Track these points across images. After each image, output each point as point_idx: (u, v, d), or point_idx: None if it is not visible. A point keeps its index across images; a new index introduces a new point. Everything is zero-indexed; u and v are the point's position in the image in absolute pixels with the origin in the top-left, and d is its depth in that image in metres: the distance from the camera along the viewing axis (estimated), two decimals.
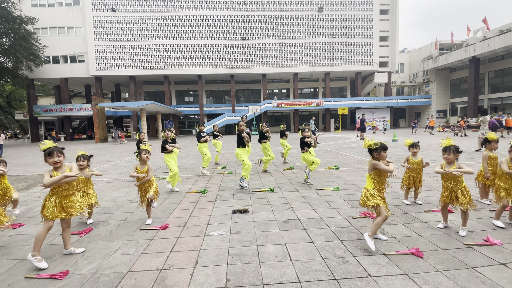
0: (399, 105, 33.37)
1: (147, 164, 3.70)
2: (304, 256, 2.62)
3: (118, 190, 5.64)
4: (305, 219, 3.60)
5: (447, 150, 3.03)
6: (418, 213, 3.73)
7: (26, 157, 13.46)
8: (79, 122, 42.30)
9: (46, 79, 31.86)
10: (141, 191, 3.64)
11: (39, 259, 2.57)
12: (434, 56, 33.27)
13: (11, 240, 3.27)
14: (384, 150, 2.86)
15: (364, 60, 32.01)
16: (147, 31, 29.95)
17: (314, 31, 31.35)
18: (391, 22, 33.66)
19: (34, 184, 6.62)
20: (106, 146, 20.01)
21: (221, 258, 2.64)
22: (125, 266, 2.54)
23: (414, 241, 2.88)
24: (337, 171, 6.90)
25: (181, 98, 36.94)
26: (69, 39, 30.04)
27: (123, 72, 30.19)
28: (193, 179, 6.60)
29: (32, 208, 4.59)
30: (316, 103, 31.93)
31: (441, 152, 3.12)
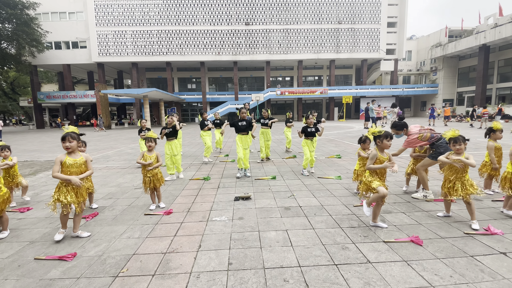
0: (404, 93, 32.85)
1: (155, 152, 3.76)
2: (305, 242, 2.67)
3: (123, 176, 5.73)
4: (306, 206, 3.65)
5: (458, 141, 2.92)
6: (419, 202, 3.74)
7: (31, 143, 13.63)
8: (82, 109, 42.45)
9: (49, 65, 31.76)
10: (146, 177, 3.69)
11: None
12: (443, 43, 32.35)
13: (20, 223, 3.37)
14: (387, 138, 2.85)
15: (370, 47, 31.27)
16: (149, 16, 29.43)
17: (319, 16, 30.53)
18: (400, 8, 32.59)
19: (40, 169, 6.74)
20: (110, 133, 20.16)
21: (224, 242, 2.70)
22: (131, 249, 2.62)
23: (414, 229, 2.91)
24: (339, 160, 6.91)
25: (184, 85, 36.70)
26: (71, 24, 29.67)
27: (125, 59, 29.93)
28: (196, 166, 6.66)
29: (39, 193, 4.69)
30: (320, 92, 31.55)
31: (451, 144, 2.98)
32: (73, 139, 2.80)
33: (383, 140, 2.86)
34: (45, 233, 3.07)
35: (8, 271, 2.31)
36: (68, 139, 2.77)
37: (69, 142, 2.77)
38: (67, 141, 2.77)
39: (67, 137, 2.77)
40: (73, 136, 2.80)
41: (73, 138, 2.80)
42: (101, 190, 4.70)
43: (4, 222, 3.01)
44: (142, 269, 2.28)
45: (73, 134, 2.82)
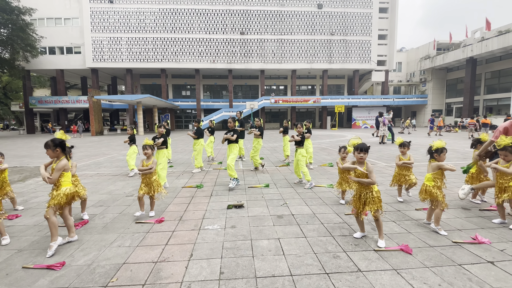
0: (395, 104, 33.60)
1: (152, 158, 3.78)
2: (297, 250, 2.69)
3: (114, 184, 5.66)
4: (298, 214, 3.67)
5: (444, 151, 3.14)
6: (409, 211, 3.81)
7: (21, 149, 13.35)
8: (74, 114, 41.90)
9: (42, 70, 31.44)
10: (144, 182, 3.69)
11: None
12: (432, 55, 33.42)
13: (8, 230, 3.28)
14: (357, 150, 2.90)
15: (362, 58, 32.07)
16: (145, 24, 29.62)
17: (313, 27, 31.28)
18: (390, 21, 33.67)
19: (30, 175, 6.61)
20: (102, 139, 19.91)
21: (216, 251, 2.70)
22: (121, 258, 2.59)
23: (404, 238, 2.96)
24: (331, 168, 6.99)
25: (178, 92, 36.74)
26: (66, 30, 29.60)
27: (119, 65, 29.89)
28: (189, 174, 6.63)
29: (29, 200, 4.60)
30: (314, 101, 32.00)
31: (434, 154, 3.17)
32: (47, 148, 2.88)
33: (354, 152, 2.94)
34: (33, 241, 3.00)
35: None
36: (45, 147, 2.91)
37: (46, 151, 2.90)
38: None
39: (44, 146, 2.91)
40: (47, 145, 2.87)
41: (47, 146, 2.88)
42: (92, 198, 4.63)
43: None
44: (132, 279, 2.25)
45: (48, 142, 2.87)
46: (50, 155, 2.88)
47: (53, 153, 2.86)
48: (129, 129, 6.61)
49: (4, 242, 2.93)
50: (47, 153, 2.88)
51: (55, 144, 2.86)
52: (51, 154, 2.87)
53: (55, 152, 2.87)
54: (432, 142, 3.25)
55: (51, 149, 2.85)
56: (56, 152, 2.88)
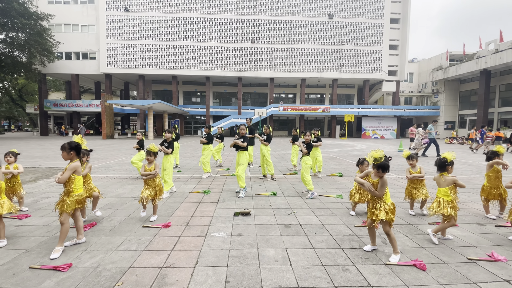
0: (406, 114, 33.10)
1: (154, 163, 3.79)
2: (304, 261, 2.62)
3: (123, 187, 5.71)
4: (306, 225, 3.60)
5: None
6: (422, 225, 3.69)
7: (34, 150, 13.71)
8: (87, 117, 42.94)
9: (58, 74, 32.50)
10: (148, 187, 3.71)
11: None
12: (444, 66, 32.96)
13: (17, 230, 3.34)
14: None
15: (372, 68, 31.92)
16: (158, 31, 30.40)
17: (323, 37, 31.43)
18: (402, 31, 33.53)
19: (41, 176, 6.74)
20: (113, 142, 20.27)
21: (222, 259, 2.65)
22: (127, 262, 2.58)
23: (416, 252, 2.85)
24: (341, 178, 6.87)
25: (188, 98, 37.26)
26: (82, 36, 30.65)
27: (132, 71, 30.63)
28: (197, 179, 6.63)
29: (38, 200, 4.67)
30: (323, 109, 31.87)
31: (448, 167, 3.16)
32: (62, 150, 2.94)
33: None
34: (41, 241, 3.03)
35: (2, 279, 2.28)
36: (61, 150, 2.97)
37: (61, 152, 2.95)
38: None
39: (60, 148, 2.97)
40: (63, 147, 2.93)
41: (63, 149, 2.93)
42: (101, 200, 4.64)
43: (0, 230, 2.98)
44: (138, 284, 2.23)
45: (65, 145, 2.93)
46: (64, 157, 2.93)
47: (67, 155, 2.92)
48: (140, 135, 6.68)
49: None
50: (62, 155, 2.94)
51: (70, 147, 2.93)
52: (65, 156, 2.92)
53: (69, 155, 2.93)
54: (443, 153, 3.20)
55: (66, 151, 2.91)
56: (70, 155, 2.93)
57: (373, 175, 2.82)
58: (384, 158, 2.72)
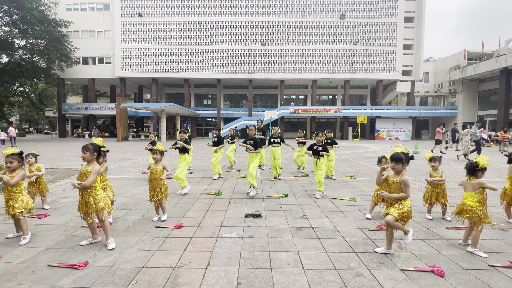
0: (422, 115, 32.19)
1: (161, 163, 3.83)
2: (317, 265, 2.57)
3: (137, 188, 5.83)
4: (319, 228, 3.55)
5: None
6: (439, 229, 3.56)
7: (53, 152, 14.23)
8: (102, 120, 44.24)
9: (75, 78, 33.71)
10: (152, 188, 3.78)
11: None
12: (462, 66, 31.89)
13: (37, 229, 3.46)
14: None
15: (386, 68, 31.29)
16: (171, 36, 31.02)
17: (335, 38, 31.11)
18: (416, 30, 32.72)
19: (59, 177, 6.98)
20: (127, 144, 20.76)
21: (233, 261, 2.65)
22: (140, 262, 2.62)
23: (434, 258, 2.75)
24: (354, 180, 6.75)
25: (200, 101, 37.74)
26: (98, 42, 31.70)
27: (146, 74, 31.37)
28: (208, 180, 6.68)
29: (57, 200, 4.84)
30: (335, 111, 31.48)
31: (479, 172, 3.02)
32: (87, 151, 2.95)
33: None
34: (59, 240, 3.13)
35: (22, 276, 2.36)
36: (83, 151, 2.96)
37: (83, 153, 2.96)
38: (82, 151, 2.98)
39: (83, 149, 2.96)
40: (87, 148, 2.95)
41: (87, 149, 2.95)
42: (115, 200, 4.78)
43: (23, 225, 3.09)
44: (151, 283, 2.26)
45: (89, 146, 2.95)
46: (87, 158, 2.94)
47: (90, 156, 2.95)
48: (152, 136, 6.80)
49: (23, 241, 3.03)
50: (85, 155, 2.94)
51: (95, 148, 2.98)
52: (88, 157, 2.94)
53: (92, 156, 2.97)
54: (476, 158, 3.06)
55: (90, 152, 2.93)
56: (93, 156, 2.98)
57: (392, 174, 2.76)
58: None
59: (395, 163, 2.68)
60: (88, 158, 2.94)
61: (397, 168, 2.68)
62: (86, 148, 2.93)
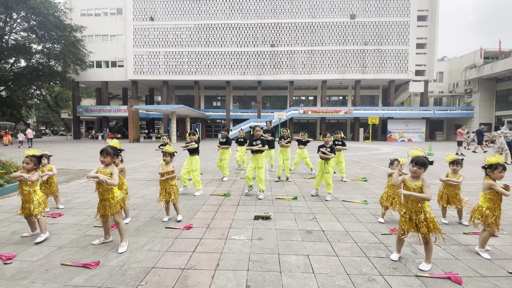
0: (436, 116, 31.29)
1: (171, 165, 3.87)
2: (328, 269, 2.52)
3: (147, 188, 5.90)
4: (329, 231, 3.48)
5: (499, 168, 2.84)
6: (456, 234, 3.43)
7: (68, 152, 14.64)
8: (115, 122, 45.29)
9: (89, 82, 34.68)
10: (163, 188, 3.80)
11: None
12: (478, 65, 30.88)
13: (51, 228, 3.54)
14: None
15: (398, 68, 30.66)
16: (181, 39, 31.47)
17: (345, 38, 30.76)
18: (430, 29, 31.96)
19: (73, 178, 7.16)
20: (138, 145, 21.15)
21: (242, 263, 2.63)
22: (150, 262, 2.63)
23: (450, 264, 2.65)
24: (365, 183, 6.61)
25: (209, 102, 38.07)
26: (111, 46, 32.52)
27: (157, 77, 31.92)
28: (217, 182, 6.70)
29: (71, 200, 4.95)
30: (345, 112, 31.07)
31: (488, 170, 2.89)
32: (108, 155, 2.89)
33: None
34: (72, 239, 3.19)
35: (36, 274, 2.41)
36: (103, 154, 2.89)
37: (103, 157, 2.90)
38: (101, 155, 2.91)
39: (104, 152, 2.90)
40: (108, 152, 2.91)
41: (108, 154, 2.90)
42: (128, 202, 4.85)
43: (41, 225, 3.17)
44: (160, 284, 2.27)
45: (109, 149, 2.92)
46: (107, 161, 2.89)
47: (111, 159, 2.91)
48: (165, 138, 6.87)
49: (39, 239, 3.10)
50: (105, 159, 2.88)
51: (115, 152, 2.96)
52: (108, 161, 2.90)
53: (113, 159, 2.94)
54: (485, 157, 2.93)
55: (111, 156, 2.90)
56: (113, 160, 2.96)
57: (410, 178, 2.66)
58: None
59: (418, 167, 2.55)
60: (109, 162, 2.92)
61: (419, 172, 2.58)
62: (106, 153, 2.87)
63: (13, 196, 5.22)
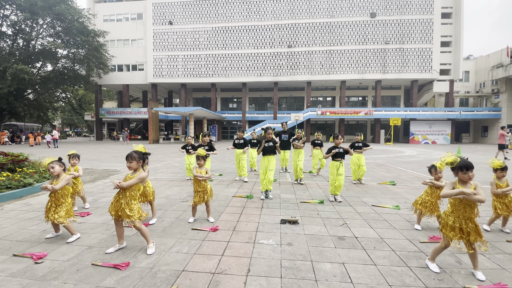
0: (462, 117, 29.72)
1: (204, 168, 3.83)
2: (367, 279, 2.34)
3: (171, 189, 5.92)
4: (363, 237, 3.28)
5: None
6: (499, 242, 3.13)
7: (92, 153, 15.17)
8: (135, 124, 46.67)
9: (111, 85, 35.96)
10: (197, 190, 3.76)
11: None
12: (505, 64, 29.06)
13: (80, 227, 3.59)
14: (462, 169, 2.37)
15: (421, 68, 29.45)
16: (199, 42, 31.95)
17: (365, 37, 29.96)
18: (455, 26, 30.49)
19: (98, 177, 7.35)
20: (158, 146, 21.60)
21: (274, 269, 2.51)
22: (180, 265, 2.57)
23: (497, 275, 2.40)
24: (394, 187, 6.29)
25: (226, 104, 38.34)
26: (132, 50, 33.59)
27: (176, 80, 32.57)
28: (238, 183, 6.63)
29: (98, 199, 5.04)
30: (365, 113, 30.19)
31: None
32: (133, 160, 2.81)
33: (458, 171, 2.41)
34: (101, 238, 3.20)
35: (67, 274, 2.41)
36: (129, 159, 2.82)
37: (129, 162, 2.82)
38: (128, 161, 2.83)
39: (129, 157, 2.82)
40: (133, 157, 2.82)
41: (132, 158, 2.82)
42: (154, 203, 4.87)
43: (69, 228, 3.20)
44: None
45: (133, 154, 2.82)
46: (133, 166, 2.82)
47: (137, 164, 2.84)
48: (190, 138, 6.93)
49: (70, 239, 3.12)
50: (131, 164, 2.80)
51: (140, 156, 2.89)
52: (134, 166, 2.83)
53: (138, 164, 2.88)
54: None
55: (136, 161, 2.82)
56: (139, 164, 2.89)
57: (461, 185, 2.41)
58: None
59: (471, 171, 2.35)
60: (134, 167, 2.84)
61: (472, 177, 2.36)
62: (131, 157, 2.80)
63: (42, 194, 5.39)
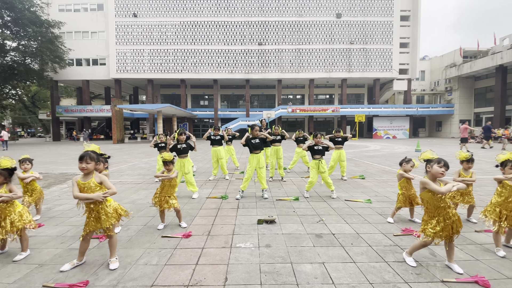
0: (419, 113, 32.22)
1: (174, 170, 3.60)
2: (348, 279, 2.30)
3: (137, 192, 5.50)
4: (340, 234, 3.28)
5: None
6: (469, 233, 3.32)
7: (47, 155, 13.76)
8: (97, 122, 43.54)
9: (69, 80, 33.01)
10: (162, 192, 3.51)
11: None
12: (458, 63, 32.01)
13: (30, 242, 3.12)
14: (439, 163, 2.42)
15: (383, 67, 31.27)
16: (166, 36, 30.57)
17: (331, 37, 31.00)
18: (412, 29, 32.79)
19: (54, 182, 6.61)
20: (123, 146, 20.31)
21: (253, 275, 2.36)
22: (148, 279, 2.31)
23: (473, 266, 2.50)
24: (364, 181, 6.50)
25: (197, 101, 37.33)
26: (92, 43, 31.10)
27: (141, 76, 30.86)
28: (212, 183, 6.38)
29: (52, 208, 4.49)
30: (332, 110, 31.35)
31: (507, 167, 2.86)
32: (92, 161, 2.49)
33: (433, 165, 2.45)
34: (55, 254, 2.81)
35: None
36: (86, 159, 2.46)
37: (86, 163, 2.45)
38: (83, 161, 2.45)
39: (85, 157, 2.46)
40: (92, 157, 2.50)
41: (91, 159, 2.49)
42: None
43: (23, 242, 2.77)
44: None
45: (92, 154, 2.51)
46: (90, 168, 2.48)
47: (95, 165, 2.54)
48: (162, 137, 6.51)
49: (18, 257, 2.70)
50: (89, 165, 2.46)
51: (97, 157, 2.60)
52: (92, 167, 2.50)
53: (97, 164, 2.59)
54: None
55: (94, 161, 2.51)
56: (97, 166, 2.60)
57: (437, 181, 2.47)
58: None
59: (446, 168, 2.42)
60: (92, 168, 2.50)
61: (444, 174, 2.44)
62: (90, 158, 2.46)
63: None
